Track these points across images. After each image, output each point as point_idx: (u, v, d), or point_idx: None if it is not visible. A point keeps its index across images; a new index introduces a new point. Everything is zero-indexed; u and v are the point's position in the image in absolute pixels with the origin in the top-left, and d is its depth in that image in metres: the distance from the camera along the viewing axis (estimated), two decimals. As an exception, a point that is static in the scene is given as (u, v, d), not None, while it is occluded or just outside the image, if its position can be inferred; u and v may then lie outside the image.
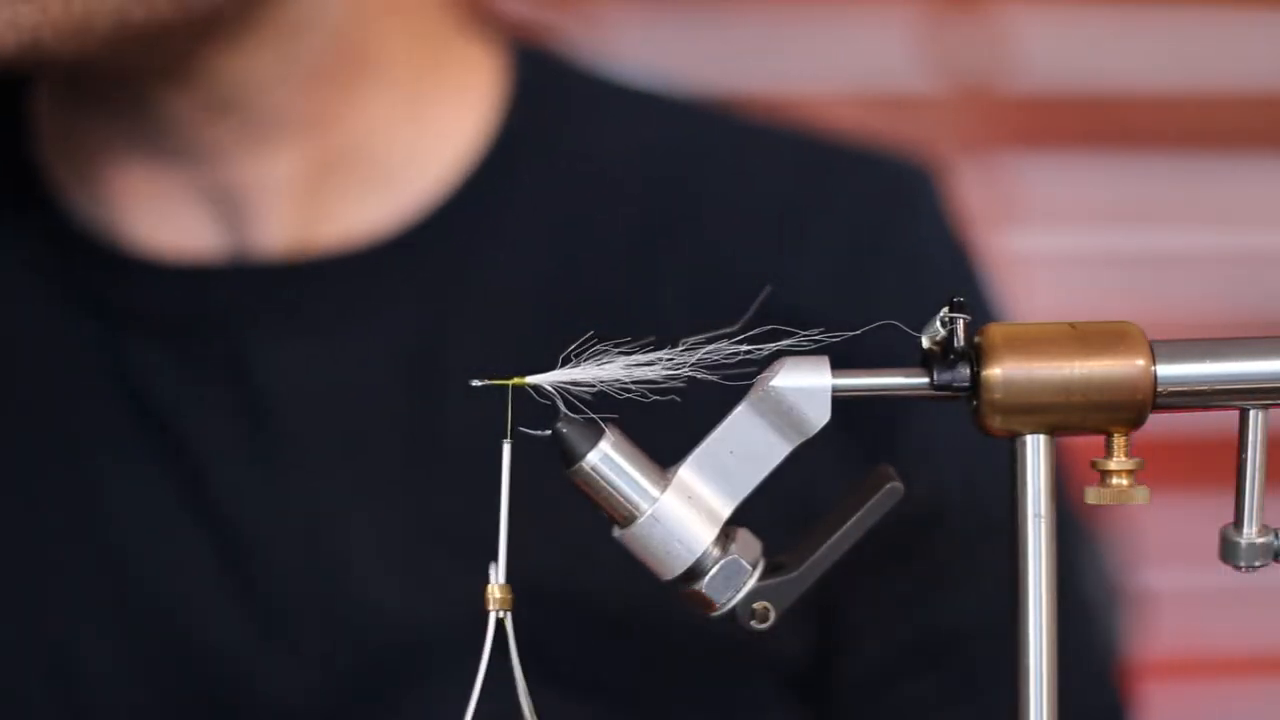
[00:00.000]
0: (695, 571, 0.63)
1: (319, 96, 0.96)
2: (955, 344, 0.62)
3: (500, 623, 0.63)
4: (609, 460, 0.63)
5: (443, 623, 0.94)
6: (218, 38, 0.92)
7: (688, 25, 1.45)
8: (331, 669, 0.95)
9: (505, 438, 0.63)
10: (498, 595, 0.63)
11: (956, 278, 1.01)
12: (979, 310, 0.97)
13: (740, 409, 0.63)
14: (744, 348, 0.63)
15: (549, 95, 1.01)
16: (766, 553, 0.65)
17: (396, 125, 0.98)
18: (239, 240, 0.97)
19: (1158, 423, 0.63)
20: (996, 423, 0.62)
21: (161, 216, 0.98)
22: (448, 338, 0.96)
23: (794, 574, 0.63)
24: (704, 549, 0.63)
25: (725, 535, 0.64)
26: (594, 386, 0.63)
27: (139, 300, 0.97)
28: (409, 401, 0.96)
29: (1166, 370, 0.62)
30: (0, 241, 0.99)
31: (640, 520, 0.63)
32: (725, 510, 0.63)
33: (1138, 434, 0.63)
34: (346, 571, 0.95)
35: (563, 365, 0.63)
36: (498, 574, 0.63)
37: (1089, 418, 0.62)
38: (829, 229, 0.99)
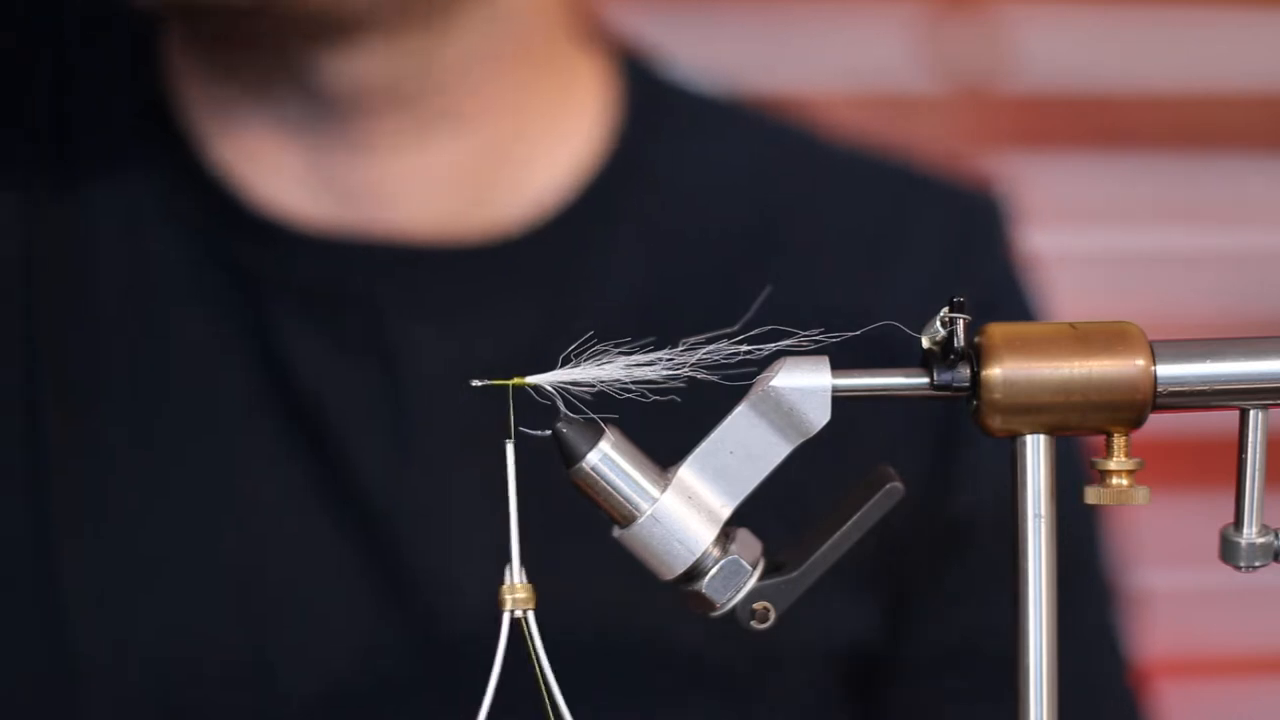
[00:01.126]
0: (695, 572, 0.63)
1: (486, 92, 0.99)
2: (955, 344, 0.62)
3: (518, 622, 0.63)
4: (609, 460, 0.63)
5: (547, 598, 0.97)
6: (446, 13, 0.95)
7: (687, 25, 1.45)
8: (451, 645, 0.97)
9: (508, 438, 0.63)
10: (519, 595, 0.63)
11: (1022, 303, 1.07)
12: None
13: (740, 409, 0.63)
14: (744, 348, 0.63)
15: (655, 112, 1.04)
16: (767, 553, 0.65)
17: (536, 126, 1.01)
18: (370, 218, 0.99)
19: (1158, 423, 0.63)
20: (996, 423, 0.62)
21: (296, 190, 0.99)
22: (561, 332, 0.97)
23: (794, 574, 0.63)
24: (704, 549, 0.63)
25: (725, 535, 0.64)
26: (594, 386, 0.63)
27: (279, 265, 0.99)
28: None
29: (1166, 370, 0.62)
30: (133, 185, 1.00)
31: (640, 520, 0.63)
32: (725, 510, 0.63)
33: (1137, 434, 0.63)
34: (465, 550, 0.97)
35: (563, 365, 0.63)
36: (514, 573, 0.63)
37: (1089, 418, 0.62)
38: (913, 257, 1.03)
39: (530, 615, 0.63)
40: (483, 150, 1.00)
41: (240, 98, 0.99)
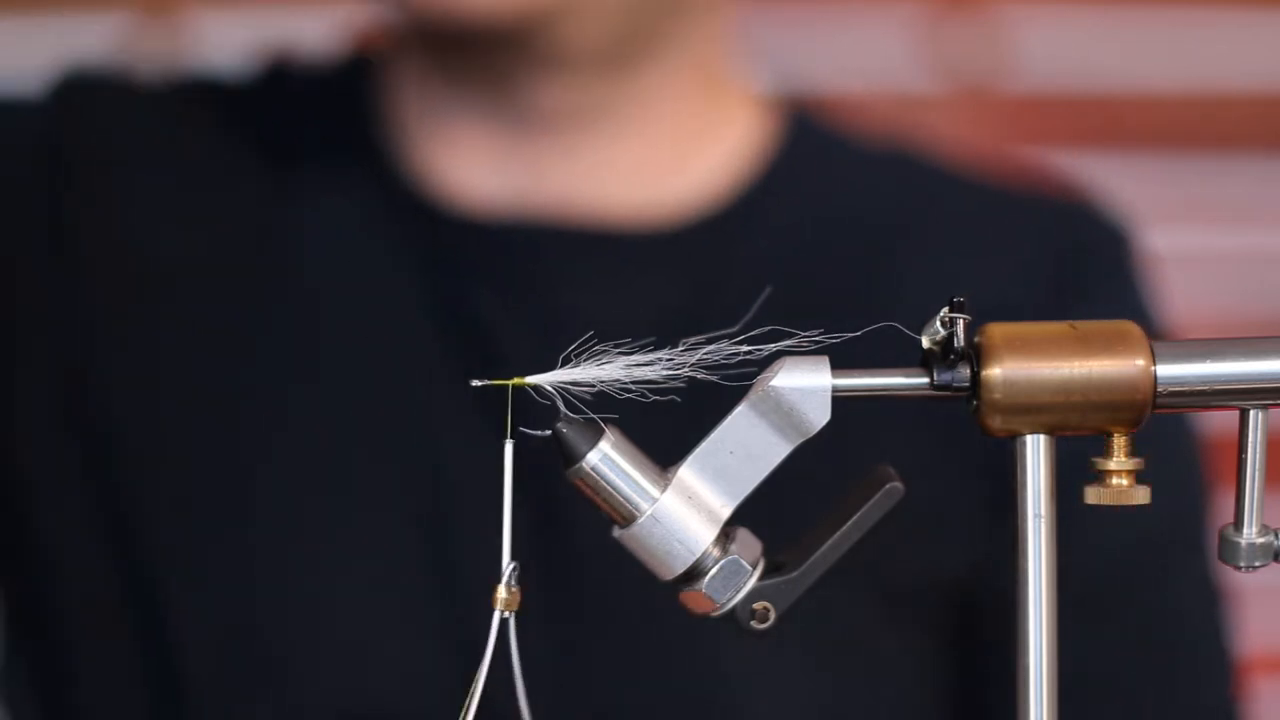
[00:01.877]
0: (695, 572, 0.63)
1: (659, 108, 1.13)
2: (955, 344, 0.62)
3: (504, 623, 0.63)
4: (609, 460, 0.63)
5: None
6: (650, 52, 1.11)
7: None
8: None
9: (507, 438, 0.63)
10: (503, 595, 0.63)
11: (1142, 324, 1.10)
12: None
13: (740, 409, 0.63)
14: (744, 348, 0.63)
15: (803, 146, 1.16)
16: (766, 554, 0.65)
17: (694, 138, 1.14)
18: (550, 204, 1.11)
19: (1157, 423, 0.63)
20: (996, 423, 0.62)
21: (486, 179, 1.12)
22: (707, 312, 1.05)
23: (794, 574, 0.63)
24: (704, 549, 0.63)
25: (725, 535, 0.64)
26: (594, 386, 0.63)
27: (472, 255, 1.10)
28: None
29: (1166, 370, 0.62)
30: (342, 185, 1.13)
31: (640, 520, 0.63)
32: (725, 510, 0.63)
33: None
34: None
35: (563, 365, 0.63)
36: (505, 575, 0.63)
37: (1089, 418, 0.62)
38: (1005, 269, 1.12)
39: (510, 618, 0.63)
40: (648, 154, 1.13)
41: (448, 106, 1.12)
